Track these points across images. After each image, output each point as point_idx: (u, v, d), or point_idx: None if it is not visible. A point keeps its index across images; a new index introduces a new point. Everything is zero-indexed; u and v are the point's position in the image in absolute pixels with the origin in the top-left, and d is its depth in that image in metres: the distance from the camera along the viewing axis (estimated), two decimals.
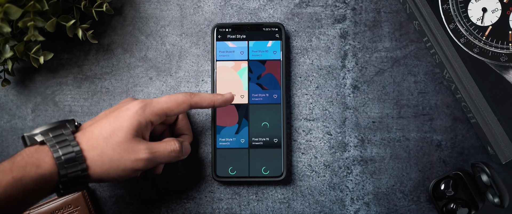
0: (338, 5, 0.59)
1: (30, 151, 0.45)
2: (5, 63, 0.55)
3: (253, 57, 0.58)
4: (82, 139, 0.47)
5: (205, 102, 0.52)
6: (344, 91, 0.59)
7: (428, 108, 0.59)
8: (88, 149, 0.46)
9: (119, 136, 0.47)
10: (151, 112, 0.49)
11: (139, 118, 0.48)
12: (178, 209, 0.58)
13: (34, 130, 0.47)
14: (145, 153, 0.48)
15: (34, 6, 0.50)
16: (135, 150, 0.48)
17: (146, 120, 0.49)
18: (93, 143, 0.47)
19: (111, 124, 0.48)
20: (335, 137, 0.59)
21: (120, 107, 0.49)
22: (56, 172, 0.45)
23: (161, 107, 0.49)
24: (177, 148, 0.51)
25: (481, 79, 0.55)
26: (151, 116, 0.49)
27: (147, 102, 0.49)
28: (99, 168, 0.47)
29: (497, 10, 0.56)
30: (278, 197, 0.59)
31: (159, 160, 0.50)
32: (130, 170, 0.48)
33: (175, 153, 0.50)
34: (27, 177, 0.44)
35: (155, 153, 0.49)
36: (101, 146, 0.47)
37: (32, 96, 0.60)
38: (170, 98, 0.50)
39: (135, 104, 0.49)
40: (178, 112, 0.50)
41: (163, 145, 0.50)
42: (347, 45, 0.59)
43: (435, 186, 0.56)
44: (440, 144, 0.58)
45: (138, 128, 0.48)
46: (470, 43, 0.56)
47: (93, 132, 0.47)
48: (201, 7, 0.60)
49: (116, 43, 0.60)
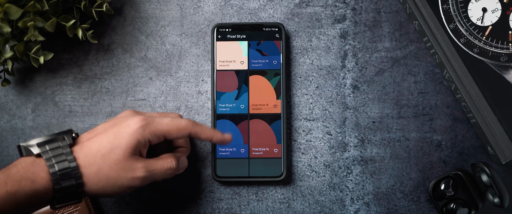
0: (338, 5, 0.59)
1: (26, 164, 0.44)
2: (5, 63, 0.55)
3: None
4: (79, 154, 0.46)
5: (204, 135, 0.51)
6: (344, 91, 0.59)
7: (428, 108, 0.59)
8: (85, 166, 0.46)
9: (117, 154, 0.46)
10: (151, 132, 0.48)
11: (138, 137, 0.47)
12: (178, 209, 0.58)
13: (30, 141, 0.47)
14: (142, 172, 0.47)
15: (34, 6, 0.50)
16: (132, 169, 0.47)
17: (144, 139, 0.48)
18: (90, 160, 0.46)
19: (109, 141, 0.47)
20: (335, 137, 0.59)
21: (120, 122, 0.48)
22: (51, 188, 0.44)
23: (162, 129, 0.49)
24: (174, 166, 0.50)
25: (481, 79, 0.55)
26: (151, 136, 0.48)
27: (148, 122, 0.48)
28: (95, 185, 0.46)
29: (497, 10, 0.56)
30: (278, 197, 0.59)
31: (155, 178, 0.49)
32: (126, 187, 0.47)
33: (171, 170, 0.50)
34: (22, 191, 0.43)
35: (152, 171, 0.48)
36: (98, 163, 0.46)
37: (32, 96, 0.60)
38: (172, 123, 0.49)
39: (136, 121, 0.48)
40: (176, 137, 0.50)
41: (160, 163, 0.49)
42: (347, 45, 0.59)
43: (435, 186, 0.56)
44: (440, 144, 0.58)
45: (136, 147, 0.47)
46: (470, 43, 0.56)
47: (91, 147, 0.47)
48: (201, 7, 0.60)
49: (116, 43, 0.60)
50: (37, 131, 0.59)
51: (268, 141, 0.57)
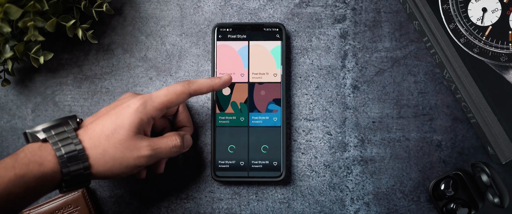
0: (338, 5, 0.59)
1: (33, 148, 0.45)
2: (5, 63, 0.55)
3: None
4: (84, 136, 0.47)
5: (204, 88, 0.52)
6: (344, 91, 0.59)
7: (428, 108, 0.59)
8: (91, 147, 0.47)
9: (120, 134, 0.47)
10: (152, 107, 0.49)
11: (140, 115, 0.48)
12: (178, 209, 0.58)
13: (36, 127, 0.47)
14: (147, 150, 0.48)
15: (34, 6, 0.50)
16: (137, 148, 0.48)
17: (147, 116, 0.49)
18: (95, 141, 0.47)
19: (112, 121, 0.48)
20: (335, 137, 0.59)
21: (121, 103, 0.49)
22: (58, 171, 0.45)
23: (161, 101, 0.49)
24: (179, 143, 0.51)
25: (481, 79, 0.55)
26: (153, 112, 0.49)
27: (147, 98, 0.49)
28: (101, 166, 0.47)
29: (497, 10, 0.56)
30: (278, 197, 0.59)
31: (161, 156, 0.50)
32: (132, 167, 0.48)
33: (176, 148, 0.51)
34: (30, 174, 0.44)
35: (157, 149, 0.49)
36: (103, 144, 0.47)
37: (32, 96, 0.60)
38: (168, 90, 0.50)
39: (136, 100, 0.49)
40: (178, 103, 0.51)
41: (164, 141, 0.50)
42: (347, 45, 0.59)
43: (435, 186, 0.56)
44: (440, 144, 0.58)
45: (139, 125, 0.48)
46: (470, 43, 0.56)
47: (95, 129, 0.47)
48: (201, 7, 0.60)
49: (116, 43, 0.60)
50: None
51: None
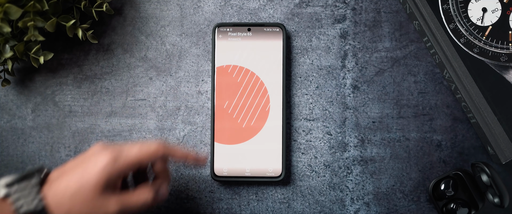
0: (338, 5, 0.59)
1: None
2: (5, 63, 0.55)
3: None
4: (49, 192, 0.44)
5: (178, 154, 0.50)
6: (344, 91, 0.59)
7: (428, 108, 0.59)
8: (55, 205, 0.44)
9: (86, 193, 0.45)
10: (121, 164, 0.46)
11: (109, 171, 0.45)
12: (178, 209, 0.58)
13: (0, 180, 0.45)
14: (115, 207, 0.46)
15: (34, 6, 0.50)
16: (104, 205, 0.45)
17: (117, 172, 0.46)
18: (59, 200, 0.44)
19: (77, 179, 0.45)
20: (335, 137, 0.59)
21: (88, 160, 0.47)
22: None
23: (132, 159, 0.47)
24: (149, 200, 0.48)
25: (481, 79, 0.55)
26: (122, 168, 0.46)
27: (116, 154, 0.46)
28: None
29: (497, 10, 0.56)
30: (278, 197, 0.59)
31: (131, 211, 0.47)
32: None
33: (147, 205, 0.48)
34: None
35: (127, 205, 0.47)
36: (67, 203, 0.44)
37: (32, 96, 0.60)
38: (141, 149, 0.47)
39: (104, 156, 0.46)
40: (149, 162, 0.48)
41: (135, 197, 0.48)
42: (347, 45, 0.59)
43: (435, 186, 0.56)
44: (440, 144, 0.58)
45: (107, 183, 0.46)
46: (470, 43, 0.56)
47: (59, 186, 0.45)
48: (201, 7, 0.60)
49: (116, 43, 0.60)
50: (37, 131, 0.59)
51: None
